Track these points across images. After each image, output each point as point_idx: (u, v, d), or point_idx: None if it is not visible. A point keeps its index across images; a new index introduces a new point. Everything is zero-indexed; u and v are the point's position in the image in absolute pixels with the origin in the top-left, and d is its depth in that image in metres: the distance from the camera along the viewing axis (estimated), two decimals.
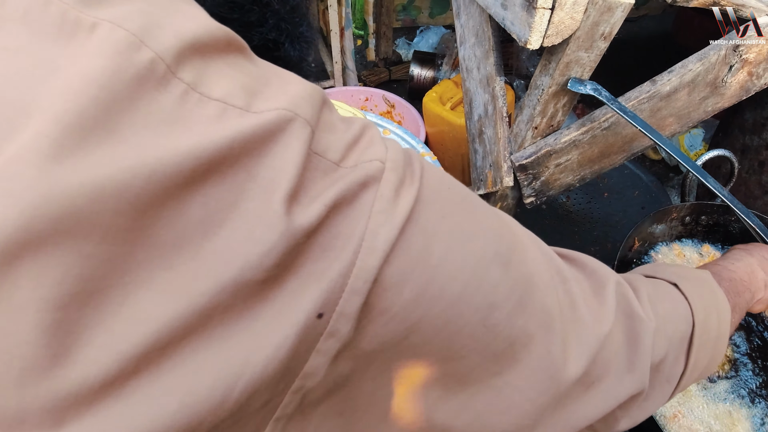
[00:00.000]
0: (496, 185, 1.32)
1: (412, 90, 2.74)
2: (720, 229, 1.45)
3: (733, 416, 1.14)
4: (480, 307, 0.42)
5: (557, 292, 0.50)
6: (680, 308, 0.64)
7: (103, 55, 0.31)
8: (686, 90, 1.25)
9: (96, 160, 0.30)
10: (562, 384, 0.49)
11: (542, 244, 0.54)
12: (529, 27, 0.99)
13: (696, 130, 2.73)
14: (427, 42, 3.21)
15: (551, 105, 1.18)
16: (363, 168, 0.38)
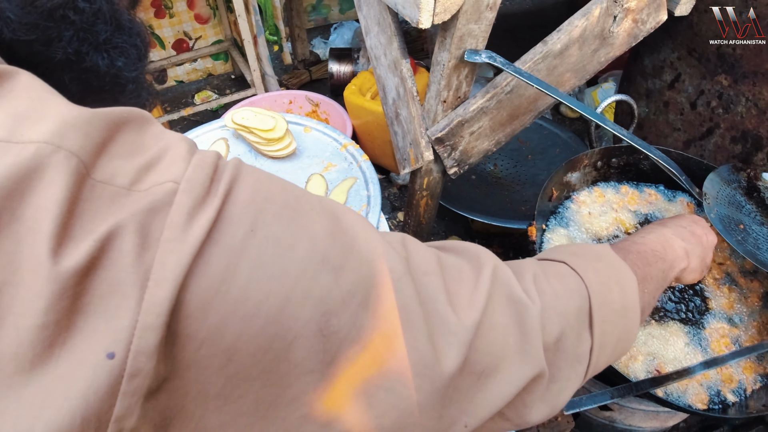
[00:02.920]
0: (419, 161, 1.39)
1: (333, 87, 2.79)
2: (632, 168, 1.56)
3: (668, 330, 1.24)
4: (312, 318, 0.40)
5: (412, 287, 0.47)
6: (571, 284, 0.62)
7: None
8: (576, 45, 1.34)
9: None
10: (440, 377, 0.47)
11: (393, 238, 0.52)
12: (418, 8, 1.06)
13: (607, 84, 2.87)
14: (343, 38, 3.26)
15: (454, 78, 1.25)
16: (153, 193, 0.36)
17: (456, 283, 0.53)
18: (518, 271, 0.60)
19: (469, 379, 0.50)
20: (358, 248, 0.45)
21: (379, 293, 0.44)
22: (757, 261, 1.28)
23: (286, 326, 0.39)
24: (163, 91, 3.06)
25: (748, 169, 1.46)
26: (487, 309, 0.52)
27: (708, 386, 1.17)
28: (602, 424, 1.47)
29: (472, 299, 0.52)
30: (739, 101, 1.59)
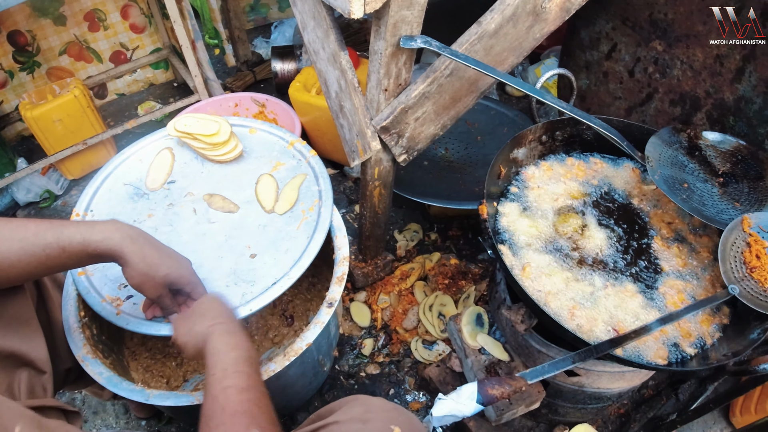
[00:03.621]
0: (367, 152, 1.39)
1: (279, 85, 2.77)
2: (577, 140, 1.59)
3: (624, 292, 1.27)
4: None
5: None
6: None
7: None
8: (511, 24, 1.35)
9: None
10: None
11: None
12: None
13: (549, 59, 2.92)
14: (284, 35, 3.23)
15: (393, 66, 1.26)
16: None
17: None
18: None
19: None
20: None
21: None
22: (704, 217, 1.33)
23: None
24: (105, 106, 2.99)
25: (688, 130, 1.50)
26: None
27: (667, 342, 1.21)
28: (572, 390, 1.50)
29: None
30: (674, 65, 1.64)
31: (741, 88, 1.46)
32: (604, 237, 1.39)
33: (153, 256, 1.05)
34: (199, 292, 1.16)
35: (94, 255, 1.02)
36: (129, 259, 1.03)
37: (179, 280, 1.10)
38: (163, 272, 1.07)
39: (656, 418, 1.80)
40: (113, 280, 1.27)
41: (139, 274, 1.04)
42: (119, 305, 1.24)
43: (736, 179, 1.41)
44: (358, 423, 0.95)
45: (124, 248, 1.02)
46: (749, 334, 1.19)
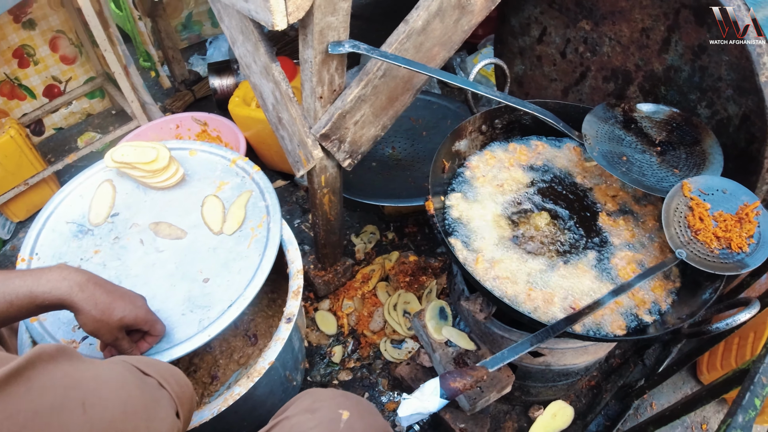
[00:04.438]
0: (310, 161, 1.39)
1: (220, 102, 2.74)
2: (516, 125, 1.61)
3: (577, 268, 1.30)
4: None
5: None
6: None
7: None
8: (438, 19, 1.36)
9: None
10: None
11: None
12: (269, 11, 1.05)
13: (485, 49, 2.95)
14: (220, 51, 3.20)
15: (325, 72, 1.25)
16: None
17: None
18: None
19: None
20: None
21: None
22: (645, 187, 1.36)
23: None
24: (44, 142, 2.90)
25: (622, 104, 1.54)
26: None
27: (623, 312, 1.23)
28: (540, 370, 1.52)
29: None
30: (603, 42, 1.67)
31: (669, 57, 1.50)
32: (551, 217, 1.41)
33: (105, 301, 1.02)
34: (157, 329, 1.14)
35: (43, 306, 0.99)
36: (80, 306, 1.00)
37: (135, 322, 1.08)
38: (118, 316, 1.04)
39: (626, 386, 1.85)
40: (66, 323, 1.24)
41: (92, 320, 1.02)
42: (76, 347, 1.21)
43: (673, 147, 1.45)
44: (306, 414, 0.95)
45: (74, 296, 0.99)
46: (702, 295, 1.23)
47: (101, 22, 2.25)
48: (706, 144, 1.42)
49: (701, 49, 1.41)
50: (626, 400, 1.78)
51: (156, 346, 1.17)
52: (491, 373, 1.44)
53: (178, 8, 3.18)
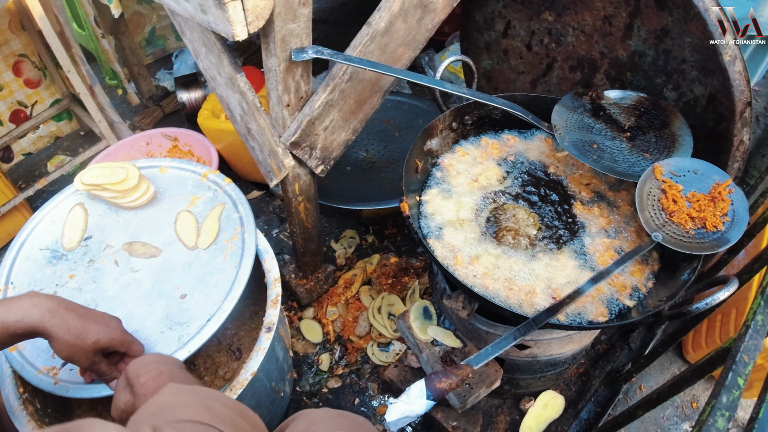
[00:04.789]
0: (282, 170, 1.37)
1: (189, 116, 2.71)
2: (486, 120, 1.62)
3: (557, 259, 1.30)
4: None
5: None
6: None
7: None
8: (400, 19, 1.36)
9: None
10: None
11: None
12: (228, 22, 1.04)
13: (453, 46, 2.96)
14: (186, 64, 3.17)
15: (290, 80, 1.24)
16: None
17: None
18: None
19: None
20: None
21: None
22: (616, 173, 1.37)
23: None
24: (13, 169, 2.85)
25: (589, 92, 1.54)
26: None
27: (605, 299, 1.24)
28: (527, 362, 1.53)
29: None
30: (567, 32, 1.68)
31: (632, 43, 1.52)
32: (528, 209, 1.41)
33: (77, 326, 1.01)
34: (135, 350, 1.12)
35: (16, 335, 0.97)
36: (53, 333, 0.98)
37: (110, 344, 1.06)
38: (92, 339, 1.02)
39: (613, 371, 1.86)
40: (45, 350, 1.22)
41: (66, 346, 1.00)
42: (56, 374, 1.19)
43: (642, 131, 1.46)
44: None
45: (46, 323, 0.97)
46: (680, 276, 1.24)
47: (63, 43, 2.21)
48: (674, 126, 1.43)
49: (664, 33, 1.42)
50: (615, 385, 1.79)
51: None
52: (479, 369, 1.44)
53: (141, 24, 3.14)
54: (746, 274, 1.36)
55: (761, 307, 0.76)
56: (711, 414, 0.60)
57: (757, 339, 0.70)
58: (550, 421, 1.79)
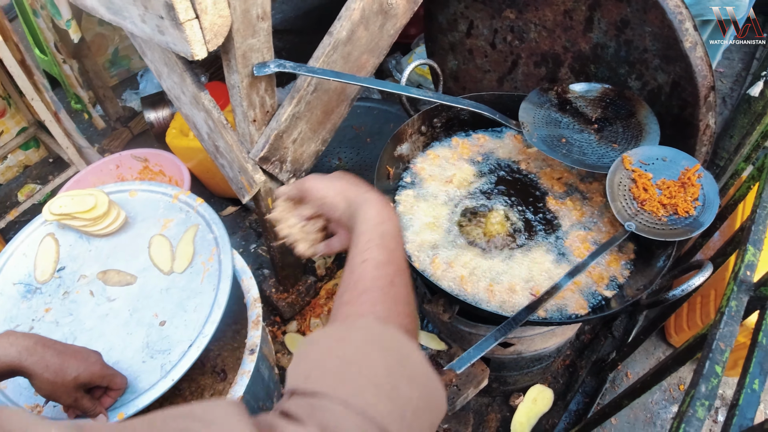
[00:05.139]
0: (253, 186, 1.36)
1: (158, 135, 2.68)
2: (455, 122, 1.62)
3: (533, 256, 1.31)
4: None
5: None
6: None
7: None
8: (362, 27, 1.35)
9: None
10: None
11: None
12: (187, 42, 1.03)
13: (419, 48, 2.96)
14: (153, 83, 3.13)
15: (254, 95, 1.23)
16: None
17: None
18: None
19: None
20: None
21: None
22: (586, 166, 1.38)
23: None
24: None
25: (555, 87, 1.56)
26: None
27: (583, 291, 1.25)
28: (513, 359, 1.53)
29: None
30: (529, 29, 1.69)
31: (594, 36, 1.53)
32: (502, 208, 1.42)
33: (56, 363, 0.99)
34: (117, 383, 1.10)
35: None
36: (32, 371, 0.97)
37: (91, 379, 1.04)
38: (72, 375, 1.01)
39: (599, 361, 1.87)
40: (27, 387, 1.19)
41: (46, 383, 0.98)
42: (40, 411, 1.16)
43: (609, 122, 1.48)
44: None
45: (23, 362, 0.96)
46: (656, 263, 1.25)
47: (25, 70, 2.18)
48: (641, 115, 1.44)
49: (624, 24, 1.44)
50: (601, 375, 1.80)
51: (121, 398, 1.13)
52: (465, 371, 1.44)
53: (104, 45, 3.10)
54: (720, 257, 1.38)
55: (734, 293, 0.77)
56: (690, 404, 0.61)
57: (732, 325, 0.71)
58: (540, 414, 1.80)
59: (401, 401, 0.56)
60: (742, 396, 0.63)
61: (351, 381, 0.56)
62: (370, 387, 0.56)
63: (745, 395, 0.63)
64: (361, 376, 0.57)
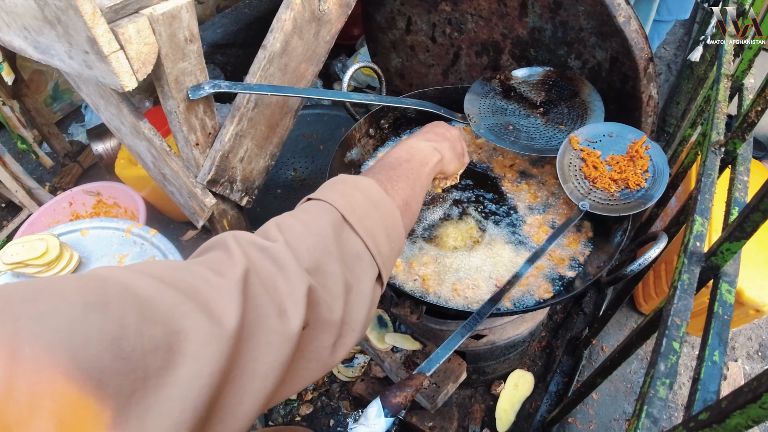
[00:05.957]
0: (205, 210, 1.34)
1: (108, 167, 2.62)
2: (402, 121, 1.62)
3: (493, 248, 1.31)
4: (103, 351, 0.45)
5: (181, 283, 0.56)
6: (316, 209, 0.75)
7: None
8: (296, 37, 1.34)
9: None
10: (227, 336, 0.54)
11: (146, 267, 0.58)
12: (115, 74, 1.00)
13: (363, 48, 2.96)
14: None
15: (193, 119, 1.21)
16: None
17: (218, 264, 0.61)
18: (262, 228, 0.72)
19: (255, 314, 0.59)
20: (115, 283, 0.51)
21: (150, 304, 0.51)
22: (535, 150, 1.39)
23: (84, 367, 0.44)
24: None
25: (497, 75, 1.56)
26: (249, 262, 0.62)
27: (546, 275, 1.25)
28: (488, 349, 1.53)
29: (233, 263, 0.61)
30: (466, 19, 1.69)
31: (530, 20, 1.54)
32: (457, 202, 1.42)
33: None
34: None
35: None
36: None
37: None
38: None
39: (573, 339, 1.89)
40: None
41: None
42: None
43: (554, 104, 1.49)
44: None
45: None
46: (614, 239, 1.26)
47: None
48: (584, 94, 1.46)
49: (557, 6, 1.45)
50: (576, 353, 1.82)
51: None
52: (441, 368, 1.44)
53: (43, 81, 3.03)
54: (674, 227, 1.40)
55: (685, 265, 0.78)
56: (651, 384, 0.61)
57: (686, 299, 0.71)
58: (523, 399, 1.81)
59: (352, 199, 0.77)
60: (703, 369, 0.63)
61: (324, 190, 0.80)
62: (336, 194, 0.78)
63: (706, 368, 0.63)
64: (333, 191, 0.79)
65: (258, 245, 0.65)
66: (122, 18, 0.99)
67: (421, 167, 1.00)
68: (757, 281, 1.73)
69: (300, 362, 0.65)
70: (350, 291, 0.71)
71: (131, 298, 0.50)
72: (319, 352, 0.67)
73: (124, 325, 0.47)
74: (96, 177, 2.80)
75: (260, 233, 0.70)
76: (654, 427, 0.58)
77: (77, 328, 0.45)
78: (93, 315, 0.46)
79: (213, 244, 0.68)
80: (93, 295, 0.48)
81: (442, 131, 1.16)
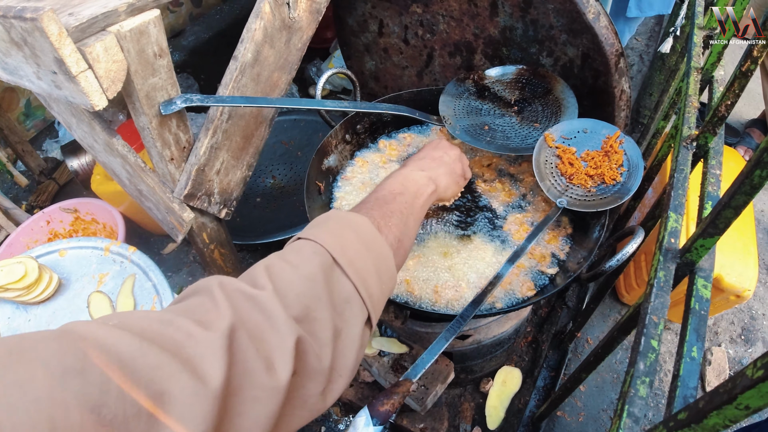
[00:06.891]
0: (184, 225, 1.33)
1: (85, 182, 2.59)
2: (379, 125, 1.61)
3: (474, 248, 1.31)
4: (84, 420, 0.44)
5: (165, 339, 0.54)
6: (306, 250, 0.73)
7: None
8: (267, 46, 1.33)
9: None
10: (213, 395, 0.53)
11: (127, 319, 0.56)
12: (84, 93, 0.99)
13: (338, 52, 2.96)
14: None
15: (167, 134, 1.20)
16: None
17: (203, 315, 0.60)
18: (250, 272, 0.70)
19: (242, 369, 0.58)
20: (91, 348, 0.49)
21: (135, 366, 0.50)
22: (511, 150, 1.40)
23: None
24: None
25: (471, 75, 1.57)
26: (236, 314, 0.60)
27: (528, 273, 1.26)
28: (474, 349, 1.54)
29: (218, 314, 0.59)
30: (437, 21, 1.70)
31: (501, 19, 1.55)
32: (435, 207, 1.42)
33: None
34: None
35: None
36: None
37: None
38: None
39: (559, 333, 1.91)
40: None
41: None
42: None
43: (528, 102, 1.50)
44: None
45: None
46: (592, 234, 1.27)
47: None
48: (557, 91, 1.47)
49: (527, 4, 1.46)
50: (562, 347, 1.83)
51: None
52: (429, 369, 1.44)
53: (14, 99, 2.98)
54: (650, 220, 1.41)
55: (661, 263, 0.79)
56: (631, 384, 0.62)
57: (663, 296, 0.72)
58: (512, 395, 1.82)
59: (343, 240, 0.76)
60: (682, 366, 0.64)
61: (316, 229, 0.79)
62: (327, 233, 0.76)
63: (684, 364, 0.64)
64: (325, 230, 0.77)
65: (246, 294, 0.64)
66: (89, 37, 0.98)
67: (414, 200, 0.99)
68: (737, 268, 1.75)
69: (287, 409, 0.64)
70: (339, 337, 0.70)
71: (112, 360, 0.49)
72: (307, 399, 0.66)
73: (105, 391, 0.46)
74: (72, 193, 2.77)
75: (248, 279, 0.68)
76: (636, 426, 0.59)
77: (57, 396, 0.44)
78: (73, 381, 0.45)
79: (198, 289, 0.66)
80: (71, 358, 0.47)
81: (440, 155, 1.16)
